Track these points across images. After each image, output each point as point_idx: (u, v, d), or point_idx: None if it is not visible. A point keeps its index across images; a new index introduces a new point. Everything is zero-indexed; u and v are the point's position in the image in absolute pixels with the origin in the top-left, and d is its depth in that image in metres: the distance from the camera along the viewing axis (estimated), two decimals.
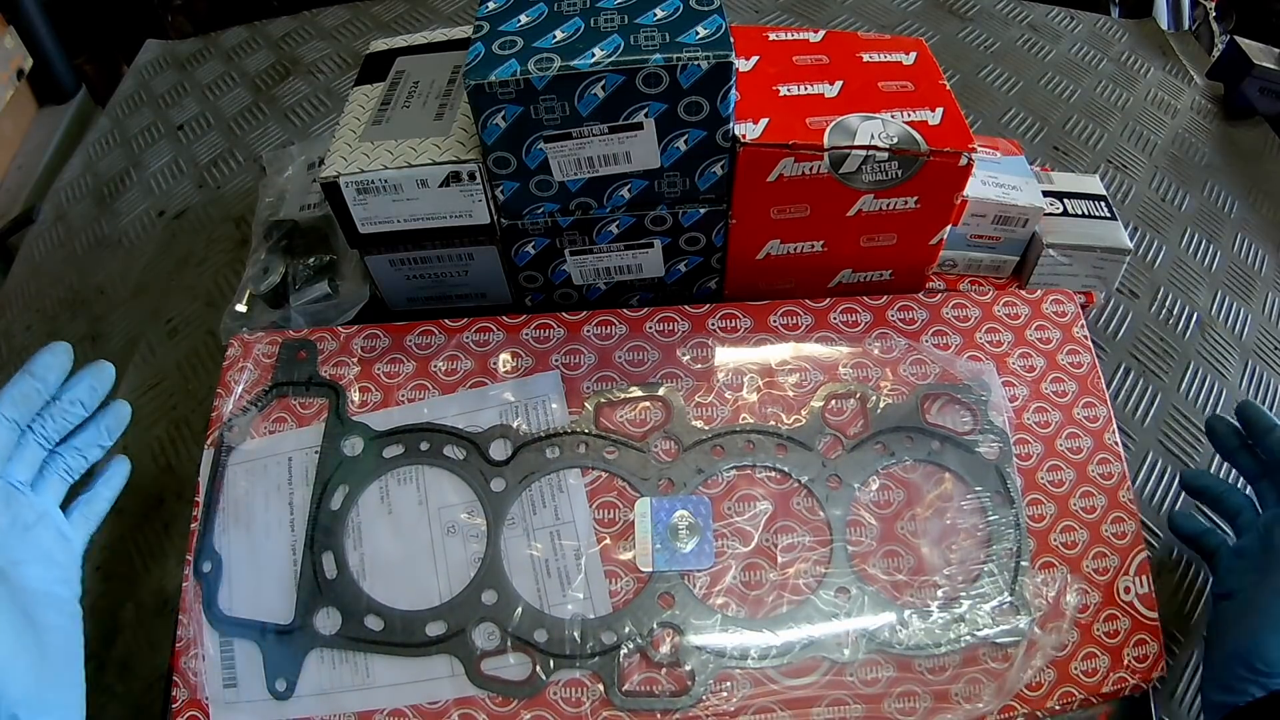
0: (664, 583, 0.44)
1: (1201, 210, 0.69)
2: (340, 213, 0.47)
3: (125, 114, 0.79)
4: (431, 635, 0.43)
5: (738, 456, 0.47)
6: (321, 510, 0.45)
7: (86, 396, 0.44)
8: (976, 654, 0.43)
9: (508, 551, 0.44)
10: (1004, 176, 0.55)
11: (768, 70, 0.49)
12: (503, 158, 0.44)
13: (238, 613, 0.43)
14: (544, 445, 0.47)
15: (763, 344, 0.50)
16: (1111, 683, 0.43)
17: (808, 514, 0.45)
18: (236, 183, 0.71)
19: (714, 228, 0.49)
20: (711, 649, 0.42)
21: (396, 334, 0.51)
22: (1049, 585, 0.44)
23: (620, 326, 0.51)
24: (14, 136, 1.12)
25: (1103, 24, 0.85)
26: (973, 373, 0.49)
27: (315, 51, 0.82)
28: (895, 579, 0.44)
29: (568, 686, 0.42)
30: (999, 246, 0.56)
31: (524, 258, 0.51)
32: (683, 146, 0.44)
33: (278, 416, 0.48)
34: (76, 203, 0.72)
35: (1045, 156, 0.71)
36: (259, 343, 0.50)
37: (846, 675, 0.42)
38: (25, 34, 1.11)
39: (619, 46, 0.41)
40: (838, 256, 0.51)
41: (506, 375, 0.49)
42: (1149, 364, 0.59)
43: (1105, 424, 0.49)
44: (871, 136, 0.45)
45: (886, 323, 0.51)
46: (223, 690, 0.42)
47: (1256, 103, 0.76)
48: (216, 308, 0.61)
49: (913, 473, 0.47)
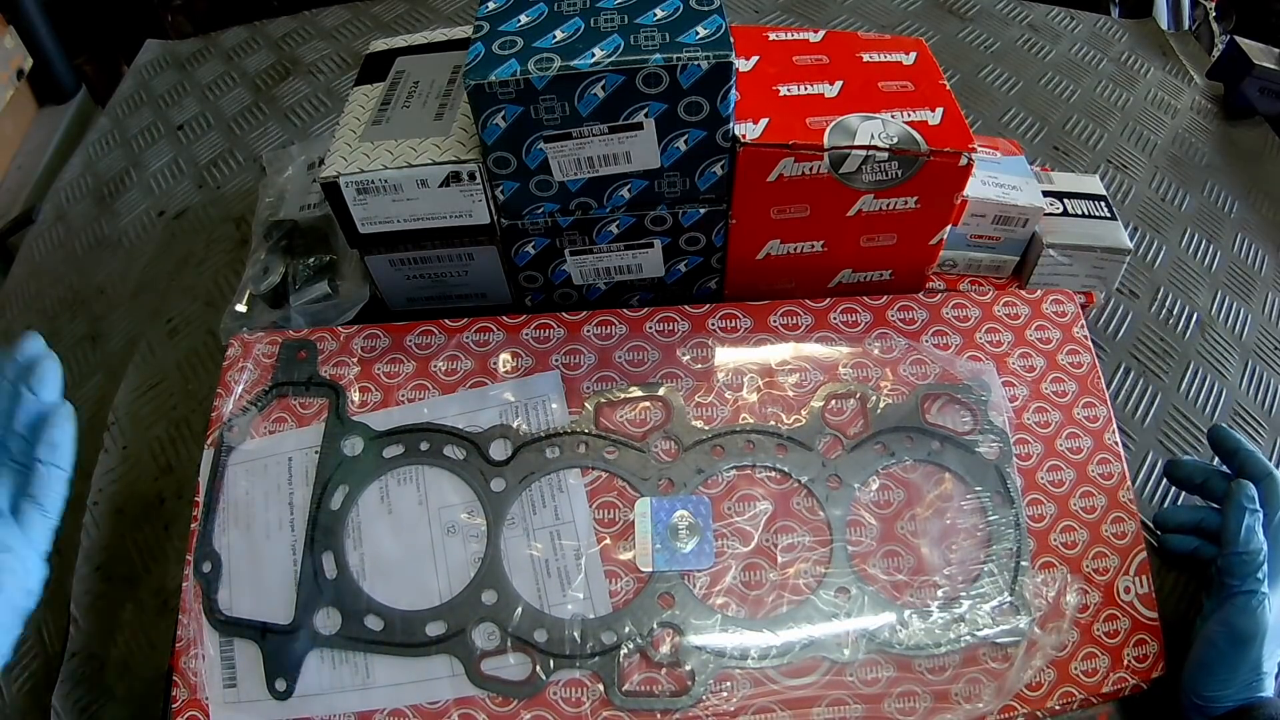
0: (664, 583, 0.44)
1: (1201, 210, 0.69)
2: (340, 213, 0.47)
3: (125, 114, 0.79)
4: (431, 635, 0.43)
5: (738, 456, 0.47)
6: (321, 510, 0.45)
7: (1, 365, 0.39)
8: (976, 654, 0.43)
9: (508, 551, 0.44)
10: (1004, 176, 0.55)
11: (768, 70, 0.49)
12: (503, 158, 0.44)
13: (238, 613, 0.43)
14: (544, 445, 0.47)
15: (763, 344, 0.50)
16: (1111, 683, 0.43)
17: (808, 514, 0.45)
18: (236, 183, 0.71)
19: (714, 228, 0.49)
20: (711, 649, 0.42)
21: (396, 334, 0.51)
22: (1049, 585, 0.44)
23: (620, 326, 0.51)
24: (14, 136, 1.12)
25: (1103, 24, 0.85)
26: (973, 373, 0.49)
27: (315, 51, 0.82)
28: (895, 579, 0.44)
29: (568, 686, 0.42)
30: (999, 246, 0.56)
31: (524, 258, 0.51)
32: (683, 146, 0.44)
33: (278, 416, 0.48)
34: (76, 203, 0.72)
35: (1045, 156, 0.71)
36: (259, 343, 0.50)
37: (846, 675, 0.42)
38: (25, 34, 1.11)
39: (619, 46, 0.41)
40: (838, 256, 0.51)
41: (506, 375, 0.49)
42: (1149, 364, 0.59)
43: (1105, 424, 0.49)
44: (871, 136, 0.45)
45: (886, 323, 0.51)
46: (223, 690, 0.42)
47: (1256, 103, 0.76)
48: (216, 308, 0.61)
49: (913, 473, 0.47)
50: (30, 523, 0.38)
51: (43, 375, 0.40)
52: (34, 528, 0.38)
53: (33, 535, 0.38)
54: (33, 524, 0.38)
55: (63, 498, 0.39)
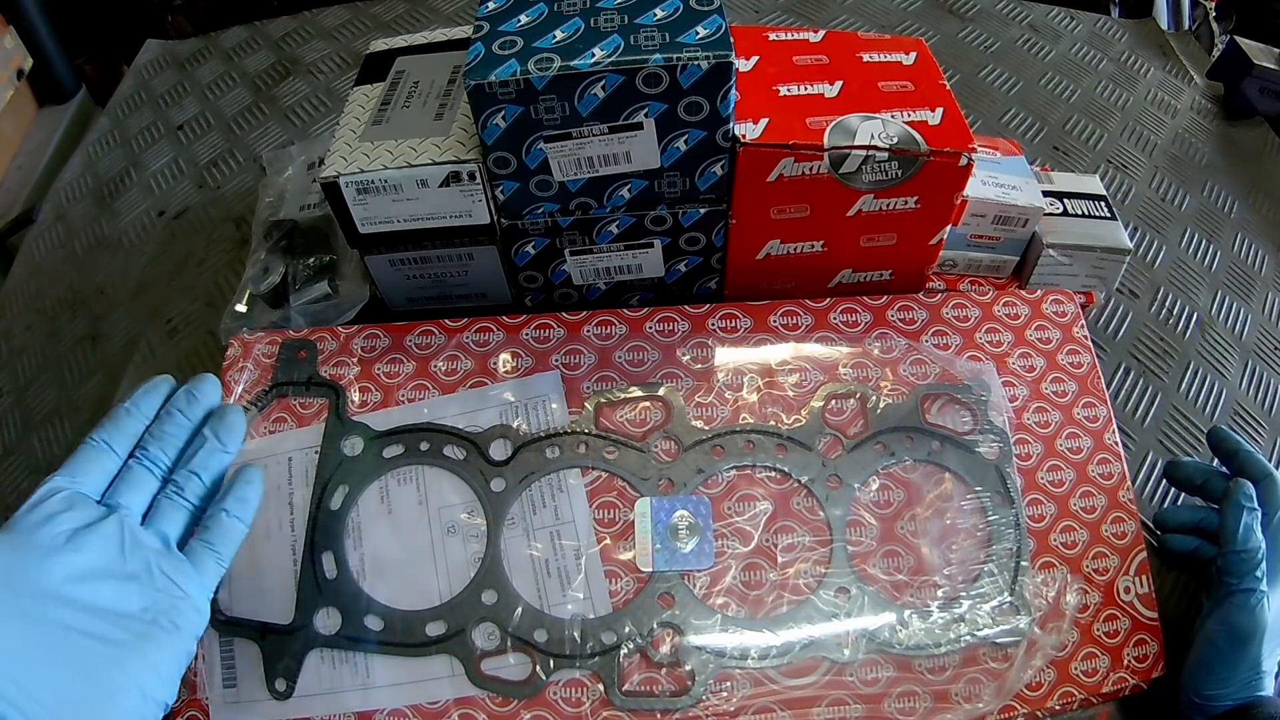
0: (664, 583, 0.44)
1: (1201, 210, 0.69)
2: (340, 213, 0.47)
3: (125, 114, 0.79)
4: (431, 635, 0.43)
5: (738, 456, 0.47)
6: (321, 510, 0.45)
7: (184, 404, 0.40)
8: (976, 654, 0.43)
9: (508, 551, 0.44)
10: (1004, 176, 0.55)
11: (768, 70, 0.49)
12: (503, 158, 0.44)
13: (238, 613, 0.43)
14: (544, 445, 0.47)
15: (763, 344, 0.50)
16: (1111, 683, 0.43)
17: (808, 514, 0.45)
18: (236, 183, 0.71)
19: (714, 228, 0.49)
20: (711, 649, 0.42)
21: (396, 334, 0.51)
22: (1049, 585, 0.44)
23: (620, 326, 0.51)
24: (14, 136, 1.12)
25: (1103, 24, 0.85)
26: (973, 373, 0.49)
27: (315, 51, 0.82)
28: (895, 579, 0.44)
29: (568, 686, 0.42)
30: (999, 246, 0.56)
31: (524, 258, 0.51)
32: (683, 146, 0.44)
33: (278, 416, 0.48)
34: (76, 203, 0.72)
35: (1045, 156, 0.71)
36: (259, 343, 0.50)
37: (846, 675, 0.42)
38: (25, 34, 1.11)
39: (619, 46, 0.41)
40: (838, 256, 0.51)
41: (506, 375, 0.49)
42: (1149, 364, 0.59)
43: (1105, 424, 0.49)
44: (871, 136, 0.45)
45: (886, 323, 0.51)
46: (223, 690, 0.42)
47: (1256, 103, 0.76)
48: (216, 308, 0.61)
49: (913, 473, 0.47)
50: (205, 568, 0.37)
51: (232, 427, 0.40)
52: (208, 574, 0.37)
53: (206, 581, 0.37)
54: (207, 569, 0.37)
55: (234, 552, 0.39)
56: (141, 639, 0.34)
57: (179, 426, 0.39)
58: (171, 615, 0.35)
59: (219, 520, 0.38)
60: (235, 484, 0.39)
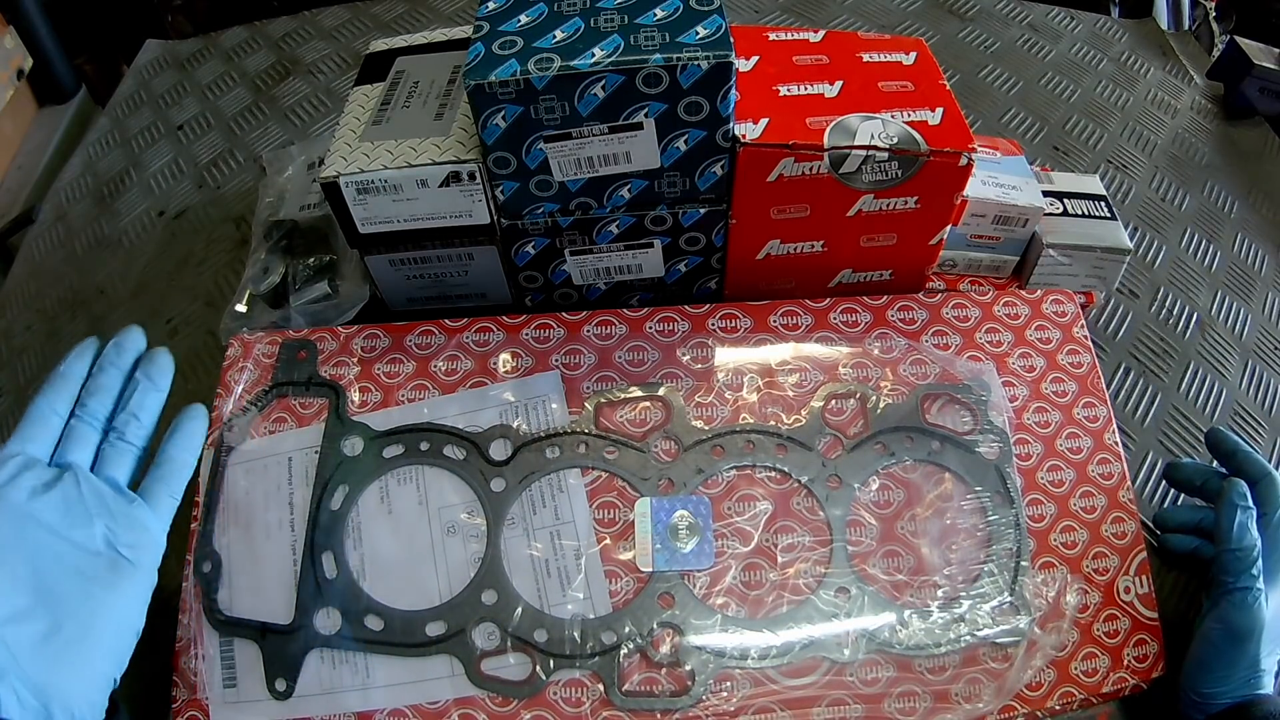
0: (664, 583, 0.44)
1: (1201, 210, 0.69)
2: (340, 213, 0.47)
3: (125, 114, 0.79)
4: (431, 635, 0.43)
5: (738, 456, 0.47)
6: (321, 510, 0.45)
7: (115, 356, 0.42)
8: (976, 654, 0.43)
9: (508, 551, 0.44)
10: (1004, 176, 0.55)
11: (768, 70, 0.49)
12: (503, 158, 0.44)
13: (238, 613, 0.43)
14: (544, 445, 0.47)
15: (763, 344, 0.50)
16: (1111, 683, 0.43)
17: (808, 514, 0.45)
18: (236, 183, 0.71)
19: (714, 228, 0.49)
20: (711, 649, 0.42)
21: (396, 334, 0.51)
22: (1049, 585, 0.44)
23: (620, 326, 0.51)
24: (14, 136, 1.12)
25: (1103, 24, 0.85)
26: (973, 373, 0.49)
27: (315, 51, 0.82)
28: (895, 579, 0.44)
29: (568, 686, 0.42)
30: (999, 246, 0.56)
31: (524, 258, 0.51)
32: (683, 146, 0.44)
33: (278, 416, 0.48)
34: (76, 203, 0.72)
35: (1045, 156, 0.71)
36: (259, 343, 0.50)
37: (846, 675, 0.42)
38: (25, 34, 1.11)
39: (619, 46, 0.41)
40: (838, 256, 0.51)
41: (506, 375, 0.49)
42: (1149, 364, 0.59)
43: (1105, 424, 0.49)
44: (871, 136, 0.45)
45: (886, 323, 0.51)
46: (223, 690, 0.42)
47: (1256, 103, 0.76)
48: (216, 308, 0.61)
49: (913, 473, 0.47)
50: (159, 504, 0.40)
51: (162, 366, 0.43)
52: (162, 508, 0.40)
53: (162, 514, 0.40)
54: (161, 505, 0.40)
55: (185, 484, 0.41)
56: (111, 572, 0.37)
57: (111, 378, 0.41)
58: (135, 550, 0.38)
59: (168, 456, 0.41)
60: (180, 420, 0.42)
